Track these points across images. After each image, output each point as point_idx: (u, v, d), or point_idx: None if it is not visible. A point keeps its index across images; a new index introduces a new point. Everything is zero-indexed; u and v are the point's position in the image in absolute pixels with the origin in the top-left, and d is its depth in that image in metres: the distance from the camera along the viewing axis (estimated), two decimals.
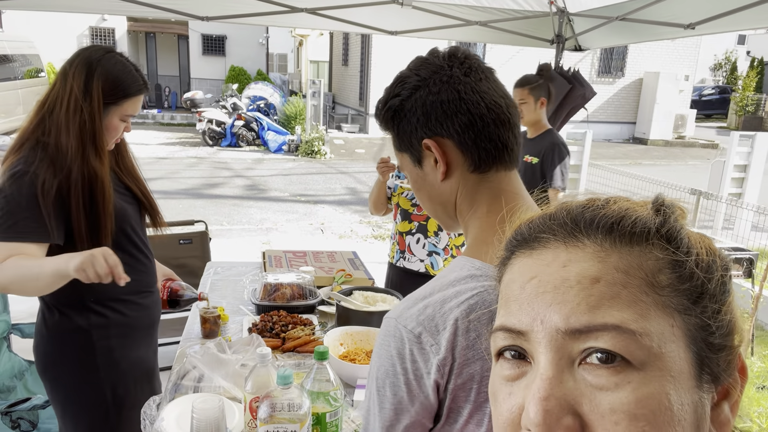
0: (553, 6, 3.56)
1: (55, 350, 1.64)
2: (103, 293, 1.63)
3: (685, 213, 0.48)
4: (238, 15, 3.57)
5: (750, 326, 4.00)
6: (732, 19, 2.91)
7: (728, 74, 26.22)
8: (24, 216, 1.45)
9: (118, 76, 1.58)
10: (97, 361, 1.65)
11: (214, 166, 11.08)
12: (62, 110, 1.52)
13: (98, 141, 1.55)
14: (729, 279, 0.47)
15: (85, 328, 1.63)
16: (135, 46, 20.11)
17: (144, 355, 1.81)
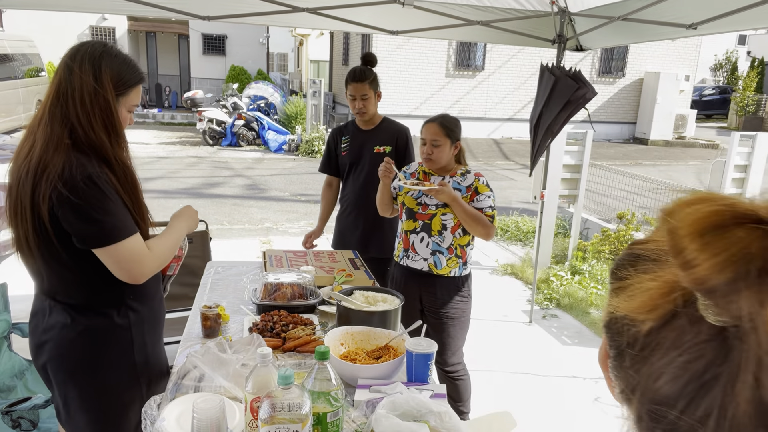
0: (554, 6, 3.55)
1: (92, 353, 1.61)
2: (139, 289, 1.65)
3: None
4: (239, 15, 3.56)
5: None
6: (733, 19, 2.90)
7: (729, 74, 26.21)
8: (121, 211, 1.53)
9: (121, 67, 1.59)
10: (135, 358, 1.67)
11: (214, 166, 11.08)
12: (78, 106, 1.51)
13: (121, 131, 1.60)
14: None
15: (125, 327, 1.65)
16: (135, 46, 20.11)
17: (163, 348, 1.87)
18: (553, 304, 4.95)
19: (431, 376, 1.73)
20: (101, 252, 1.51)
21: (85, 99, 1.51)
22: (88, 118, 1.51)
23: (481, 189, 2.56)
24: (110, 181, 1.52)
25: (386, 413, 1.35)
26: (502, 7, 3.64)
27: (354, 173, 3.13)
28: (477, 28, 3.79)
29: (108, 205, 1.49)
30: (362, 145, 3.09)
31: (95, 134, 1.52)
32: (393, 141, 3.08)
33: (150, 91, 20.80)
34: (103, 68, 1.54)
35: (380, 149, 3.07)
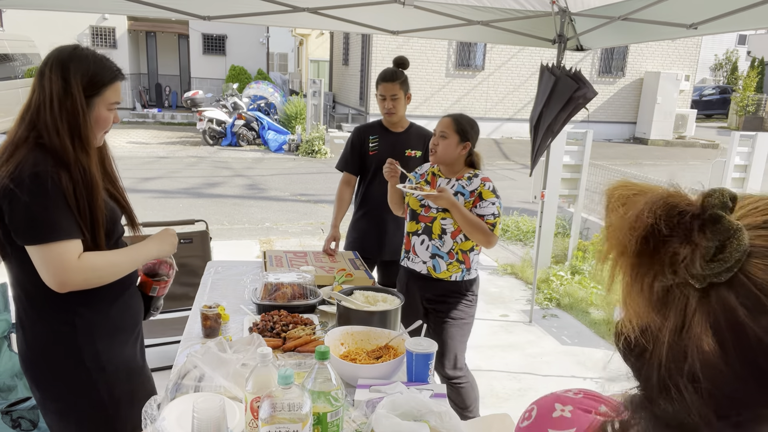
0: (554, 6, 3.55)
1: (43, 358, 1.61)
2: (90, 294, 1.60)
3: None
4: (240, 14, 3.56)
5: None
6: (733, 19, 2.90)
7: (729, 74, 26.20)
8: (62, 214, 1.48)
9: (91, 68, 1.57)
10: (87, 365, 1.62)
11: (214, 166, 11.08)
12: (47, 112, 1.52)
13: (84, 136, 1.56)
14: None
15: (69, 333, 1.60)
16: (135, 46, 20.10)
17: (131, 353, 1.78)
18: (553, 304, 4.95)
19: (431, 376, 1.73)
20: (31, 250, 1.49)
21: (54, 105, 1.52)
22: (54, 123, 1.52)
23: (485, 195, 2.50)
24: (60, 182, 1.49)
25: (386, 413, 1.35)
26: (503, 7, 3.64)
27: (381, 174, 3.02)
28: (477, 28, 3.79)
29: (47, 204, 1.47)
30: (393, 147, 3.04)
31: (59, 139, 1.52)
32: (423, 146, 3.06)
33: (150, 91, 20.79)
34: (72, 72, 1.54)
35: (412, 153, 3.06)
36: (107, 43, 18.26)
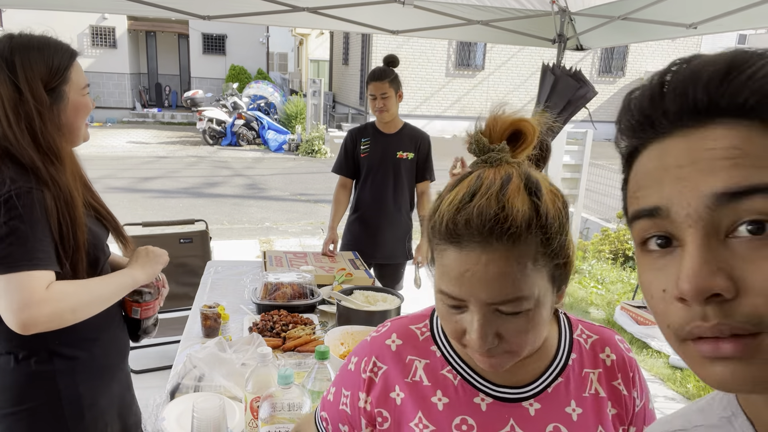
0: (554, 5, 3.55)
1: (14, 400, 1.35)
2: (71, 333, 1.34)
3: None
4: (240, 14, 3.56)
5: None
6: (733, 18, 2.90)
7: None
8: (39, 240, 1.24)
9: (43, 53, 1.30)
10: (64, 411, 1.38)
11: (214, 165, 11.08)
12: (5, 124, 1.26)
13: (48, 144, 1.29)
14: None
15: (48, 375, 1.35)
16: (135, 45, 20.10)
17: (117, 391, 1.53)
18: None
19: None
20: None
21: (9, 114, 1.26)
22: (14, 135, 1.26)
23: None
24: (42, 201, 1.25)
25: None
26: (503, 7, 3.64)
27: (372, 177, 3.06)
28: (477, 27, 3.79)
29: (17, 226, 1.21)
30: (384, 149, 3.03)
31: (24, 151, 1.26)
32: (415, 147, 3.05)
33: (150, 90, 20.79)
34: (19, 69, 1.26)
35: (403, 155, 3.04)
36: (107, 42, 18.26)
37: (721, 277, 0.40)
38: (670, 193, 0.43)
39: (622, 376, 0.85)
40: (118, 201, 7.57)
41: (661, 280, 0.44)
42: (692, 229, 0.42)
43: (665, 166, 0.44)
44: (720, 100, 0.42)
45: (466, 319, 0.72)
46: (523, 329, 0.72)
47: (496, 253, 0.68)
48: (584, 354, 0.86)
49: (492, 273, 0.68)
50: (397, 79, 2.99)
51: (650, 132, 0.46)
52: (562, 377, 0.83)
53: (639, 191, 0.46)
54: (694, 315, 0.41)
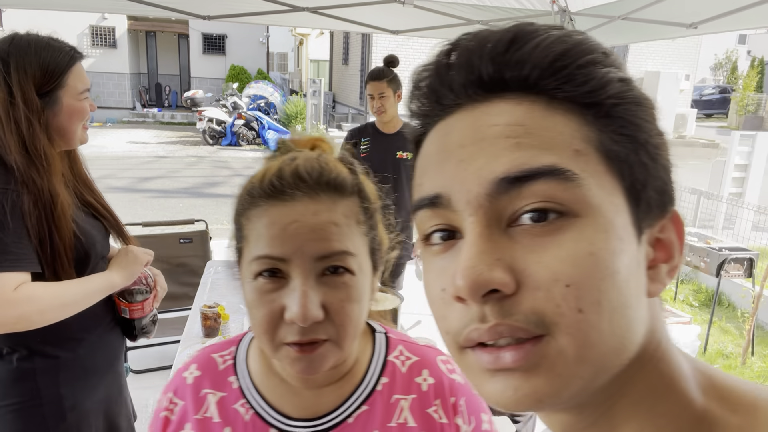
0: (554, 5, 3.55)
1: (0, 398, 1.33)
2: (54, 332, 1.31)
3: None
4: (240, 14, 3.56)
5: (750, 326, 4.00)
6: (734, 18, 2.90)
7: (729, 74, 26.21)
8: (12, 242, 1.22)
9: (41, 56, 1.28)
10: (44, 411, 1.34)
11: (214, 165, 11.08)
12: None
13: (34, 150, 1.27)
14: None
15: (28, 374, 1.33)
16: (135, 45, 20.10)
17: (104, 394, 1.47)
18: None
19: None
20: None
21: (1, 115, 1.25)
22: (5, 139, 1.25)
23: None
24: (17, 202, 1.23)
25: None
26: (503, 7, 3.64)
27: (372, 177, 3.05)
28: (477, 27, 3.79)
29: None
30: (384, 150, 3.03)
31: (9, 153, 1.25)
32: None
33: (150, 90, 20.80)
34: (14, 71, 1.26)
35: (403, 155, 3.03)
36: (107, 42, 18.26)
37: (500, 270, 0.36)
38: (452, 178, 0.39)
39: (441, 402, 0.77)
40: (118, 201, 7.55)
41: (442, 278, 0.39)
42: (473, 218, 0.38)
43: (448, 146, 0.40)
44: (505, 71, 0.39)
45: (284, 293, 0.66)
46: (346, 298, 0.68)
47: (324, 204, 0.68)
48: (398, 378, 0.79)
49: (321, 222, 0.67)
50: (395, 79, 2.98)
51: (437, 108, 0.42)
52: (367, 404, 0.76)
53: (421, 177, 0.42)
54: (472, 316, 0.37)
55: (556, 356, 0.35)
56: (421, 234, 0.42)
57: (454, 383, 0.79)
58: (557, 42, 0.39)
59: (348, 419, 0.75)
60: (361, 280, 0.70)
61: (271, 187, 0.69)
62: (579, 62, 0.38)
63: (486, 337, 0.36)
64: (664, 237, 0.41)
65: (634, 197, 0.39)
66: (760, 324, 4.62)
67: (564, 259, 0.35)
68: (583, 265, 0.35)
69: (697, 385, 0.41)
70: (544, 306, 0.35)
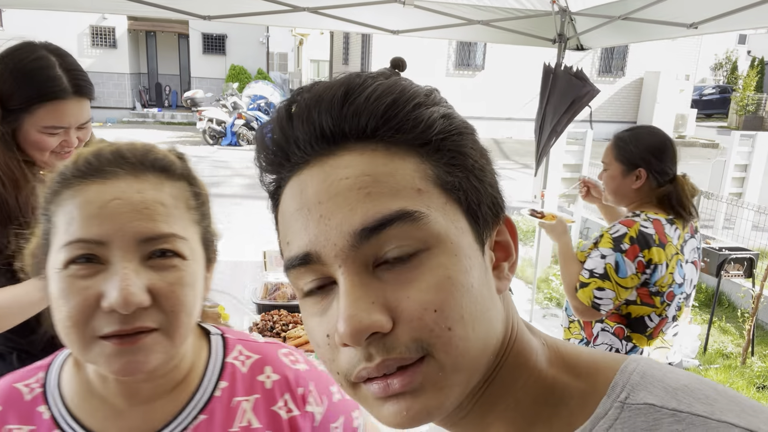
0: (555, 5, 3.55)
1: None
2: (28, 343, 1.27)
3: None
4: (240, 14, 3.56)
5: (750, 326, 4.00)
6: (734, 18, 2.90)
7: (729, 74, 26.20)
8: None
9: (22, 74, 1.25)
10: None
11: (214, 165, 11.08)
12: None
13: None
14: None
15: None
16: (135, 45, 20.09)
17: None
18: (553, 304, 4.95)
19: None
20: None
21: None
22: None
23: (601, 242, 1.84)
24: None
25: None
26: (503, 7, 3.64)
27: None
28: (477, 27, 3.79)
29: None
30: None
31: None
32: None
33: (150, 90, 20.79)
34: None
35: None
36: (107, 42, 18.25)
37: (377, 312, 0.40)
38: (316, 236, 0.42)
39: (291, 396, 0.75)
40: None
41: (324, 325, 0.43)
42: (342, 268, 0.41)
43: (306, 203, 0.43)
44: (343, 124, 0.43)
45: (101, 279, 0.59)
46: (177, 282, 0.62)
47: (150, 183, 0.62)
48: (238, 380, 0.74)
49: (147, 200, 0.61)
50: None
51: (287, 165, 0.45)
52: (205, 413, 0.70)
53: (288, 236, 0.45)
54: (360, 357, 0.41)
55: (437, 372, 0.41)
56: (298, 291, 0.46)
57: (300, 373, 0.77)
58: (386, 92, 0.43)
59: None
60: (193, 266, 0.65)
61: (87, 165, 0.62)
62: (407, 108, 0.43)
63: (375, 373, 0.41)
64: (501, 239, 0.48)
65: (473, 217, 0.44)
66: (760, 324, 4.62)
67: (428, 289, 0.40)
68: (444, 290, 0.41)
69: (546, 358, 0.46)
70: (420, 333, 0.40)
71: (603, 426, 0.41)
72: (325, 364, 0.45)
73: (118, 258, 0.59)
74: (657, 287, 1.81)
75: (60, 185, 0.63)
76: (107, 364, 0.60)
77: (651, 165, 1.86)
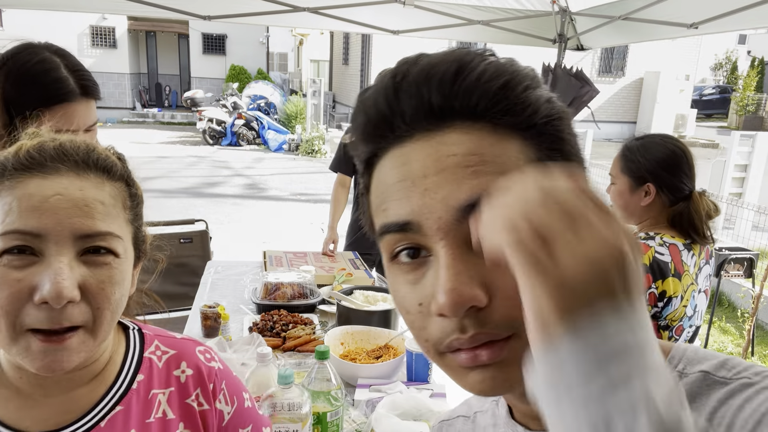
0: (555, 5, 3.55)
1: None
2: None
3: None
4: (240, 14, 3.56)
5: (750, 326, 4.00)
6: (734, 18, 2.90)
7: (729, 74, 26.19)
8: None
9: (27, 78, 1.24)
10: None
11: (214, 165, 11.08)
12: None
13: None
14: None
15: None
16: (135, 45, 20.10)
17: None
18: None
19: (431, 376, 1.73)
20: None
21: None
22: None
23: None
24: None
25: (386, 413, 1.34)
26: (503, 7, 3.64)
27: None
28: (478, 27, 3.79)
29: None
30: None
31: None
32: None
33: (150, 90, 20.79)
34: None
35: None
36: (107, 42, 18.26)
37: (476, 288, 0.41)
38: (420, 207, 0.43)
39: (201, 391, 0.78)
40: None
41: (417, 293, 0.44)
42: (444, 241, 0.42)
43: (410, 176, 0.44)
44: (454, 102, 0.43)
45: (34, 272, 0.60)
46: (107, 280, 0.64)
47: (91, 182, 0.65)
48: (155, 373, 0.77)
49: (88, 198, 0.63)
50: None
51: (390, 137, 0.45)
52: (122, 404, 0.73)
53: (385, 204, 0.46)
54: (453, 328, 0.42)
55: (522, 350, 0.40)
56: (388, 252, 0.46)
57: (213, 370, 0.81)
58: (498, 73, 0.43)
59: (100, 423, 0.71)
60: (124, 264, 0.67)
61: (29, 158, 0.64)
62: (517, 90, 0.43)
63: (467, 345, 0.42)
64: None
65: None
66: (760, 324, 4.62)
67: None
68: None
69: None
70: (513, 312, 0.40)
71: None
72: (413, 331, 0.46)
73: (53, 252, 0.61)
74: (667, 321, 1.64)
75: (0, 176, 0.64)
76: (31, 359, 0.61)
77: (661, 179, 1.64)
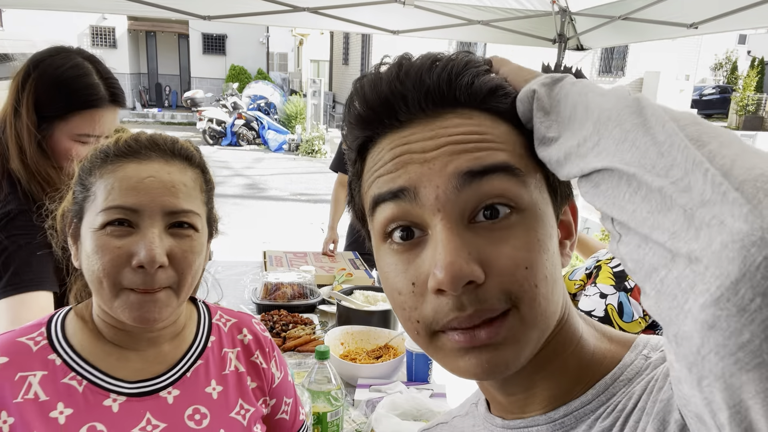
0: (555, 5, 3.55)
1: None
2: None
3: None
4: (240, 14, 3.56)
5: None
6: (734, 18, 2.90)
7: (729, 74, 26.19)
8: (37, 260, 1.18)
9: (60, 81, 1.25)
10: None
11: (214, 165, 10.87)
12: (5, 132, 1.25)
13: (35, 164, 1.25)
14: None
15: None
16: (135, 45, 20.10)
17: None
18: None
19: (431, 376, 1.73)
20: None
21: (7, 125, 1.25)
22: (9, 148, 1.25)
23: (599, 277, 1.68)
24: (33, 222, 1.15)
25: (386, 413, 1.35)
26: (503, 7, 3.64)
27: None
28: (477, 27, 3.79)
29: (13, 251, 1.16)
30: None
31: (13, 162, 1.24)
32: None
33: (150, 90, 20.80)
34: (30, 83, 1.24)
35: None
36: (107, 42, 18.26)
37: (474, 263, 0.41)
38: (419, 175, 0.44)
39: (260, 352, 0.93)
40: None
41: (410, 273, 0.44)
42: (441, 213, 0.43)
43: (410, 150, 0.45)
44: (457, 89, 0.45)
45: (132, 242, 0.73)
46: (189, 250, 0.77)
47: (176, 166, 0.79)
48: (223, 336, 0.92)
49: (175, 180, 0.77)
50: None
51: (387, 122, 0.47)
52: (201, 359, 0.87)
53: (382, 177, 0.46)
54: (451, 306, 0.42)
55: (518, 325, 0.43)
56: (380, 232, 0.47)
57: (267, 338, 0.96)
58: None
59: (186, 373, 0.84)
60: (201, 238, 0.81)
61: (127, 147, 0.77)
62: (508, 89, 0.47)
63: (465, 323, 0.42)
64: (565, 219, 0.52)
65: (553, 192, 0.48)
66: None
67: (521, 247, 0.43)
68: (534, 250, 0.43)
69: (590, 334, 0.51)
70: (510, 287, 0.42)
71: (631, 371, 0.47)
72: (404, 312, 0.46)
73: (147, 224, 0.73)
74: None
75: (101, 161, 0.77)
76: (129, 311, 0.74)
77: None
